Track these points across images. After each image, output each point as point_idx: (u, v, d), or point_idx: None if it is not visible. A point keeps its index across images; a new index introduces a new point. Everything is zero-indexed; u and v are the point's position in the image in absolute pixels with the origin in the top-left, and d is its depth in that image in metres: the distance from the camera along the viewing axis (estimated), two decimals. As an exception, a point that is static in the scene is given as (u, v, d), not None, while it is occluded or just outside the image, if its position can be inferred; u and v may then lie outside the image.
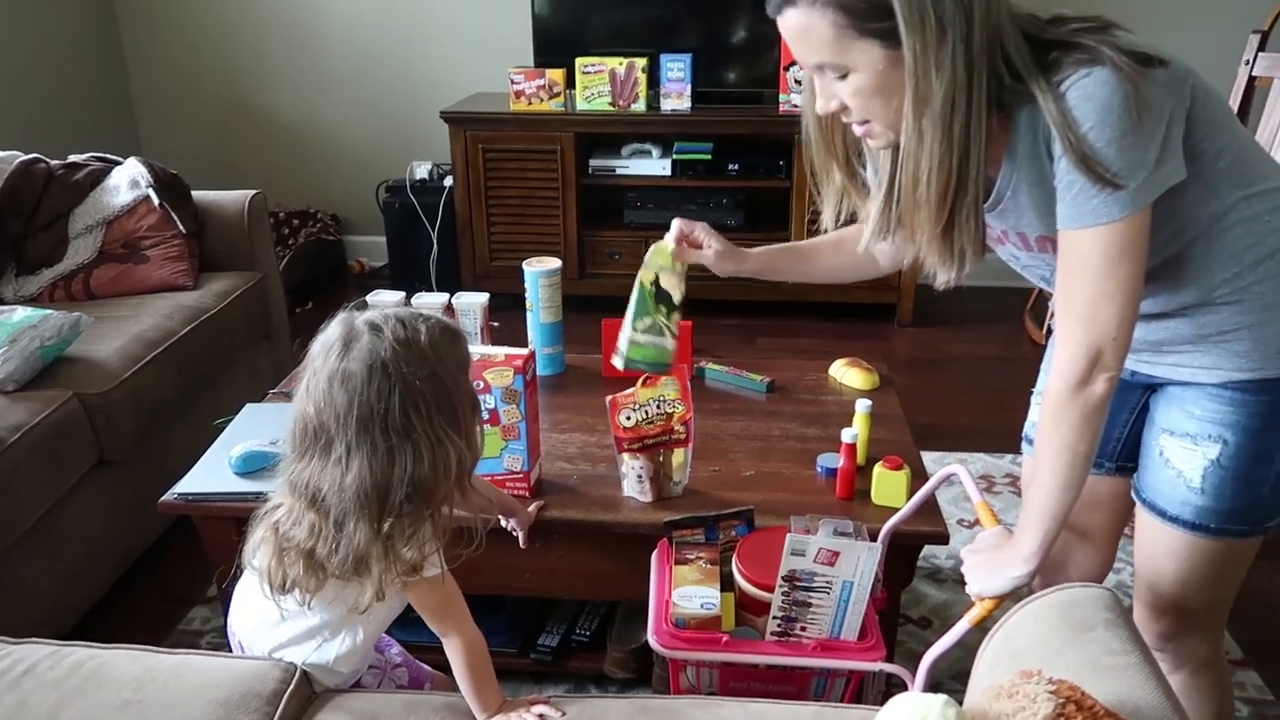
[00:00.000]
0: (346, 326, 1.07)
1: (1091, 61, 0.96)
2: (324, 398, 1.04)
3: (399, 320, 1.07)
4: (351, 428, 1.02)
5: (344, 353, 1.04)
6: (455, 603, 1.15)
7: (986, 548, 1.18)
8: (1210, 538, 1.16)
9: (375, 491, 1.03)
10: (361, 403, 1.02)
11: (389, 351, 1.03)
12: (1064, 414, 1.06)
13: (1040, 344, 3.25)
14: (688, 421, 1.52)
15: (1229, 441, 1.12)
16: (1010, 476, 2.46)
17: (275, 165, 3.96)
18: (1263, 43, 2.51)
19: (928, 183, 1.03)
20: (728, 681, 1.34)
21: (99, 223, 2.42)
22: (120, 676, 1.11)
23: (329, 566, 1.07)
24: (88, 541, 1.93)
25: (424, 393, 1.04)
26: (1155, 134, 0.96)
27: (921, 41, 0.96)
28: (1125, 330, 1.03)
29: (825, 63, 1.03)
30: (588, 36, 3.40)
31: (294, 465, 1.07)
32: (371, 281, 3.85)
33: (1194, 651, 1.25)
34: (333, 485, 1.04)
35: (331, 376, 1.04)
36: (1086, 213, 0.99)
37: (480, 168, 3.37)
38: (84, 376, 1.95)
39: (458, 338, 1.12)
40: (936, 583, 2.07)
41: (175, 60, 3.88)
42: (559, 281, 1.95)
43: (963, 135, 1.00)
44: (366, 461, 1.03)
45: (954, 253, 1.08)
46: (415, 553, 1.07)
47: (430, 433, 1.04)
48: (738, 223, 3.38)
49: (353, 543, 1.04)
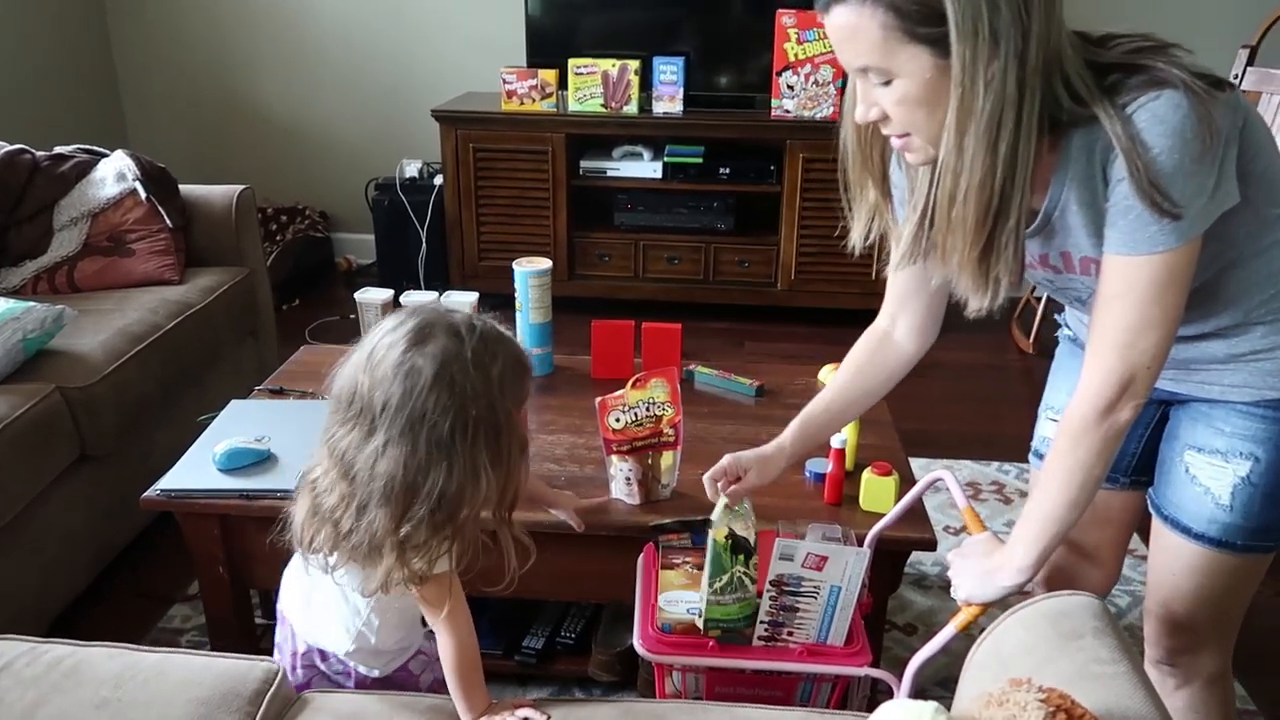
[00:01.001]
0: (428, 315, 1.04)
1: (1161, 84, 0.92)
2: (383, 381, 1.01)
3: (481, 337, 1.04)
4: (399, 423, 1.01)
5: (418, 344, 1.01)
6: (457, 603, 1.13)
7: (975, 554, 1.18)
8: (1235, 555, 1.14)
9: (403, 489, 1.02)
10: (416, 405, 1.00)
11: (460, 367, 1.01)
12: (1085, 438, 1.04)
13: (1027, 352, 3.27)
14: (677, 424, 1.51)
15: (1260, 459, 1.10)
16: (996, 484, 2.47)
17: (264, 161, 3.93)
18: (1251, 57, 2.53)
19: (964, 201, 0.98)
20: (714, 686, 1.33)
21: (84, 215, 2.40)
22: (99, 674, 1.09)
23: (346, 544, 1.06)
24: (68, 537, 1.91)
25: (478, 421, 1.02)
26: (1218, 159, 0.94)
27: (973, 51, 0.91)
28: (1160, 360, 1.01)
29: (870, 66, 0.97)
30: (580, 37, 3.40)
31: (336, 429, 1.06)
32: (359, 279, 3.82)
33: (1204, 667, 1.24)
34: (365, 466, 1.02)
35: (399, 364, 1.01)
36: (1141, 240, 0.96)
37: (471, 167, 3.35)
38: (66, 370, 1.92)
39: (525, 374, 1.09)
40: (922, 589, 2.07)
41: (164, 53, 3.85)
42: (549, 282, 1.94)
43: (1009, 155, 0.95)
44: (403, 459, 1.01)
45: (989, 279, 1.03)
46: (424, 564, 1.06)
47: (469, 459, 1.02)
48: (728, 227, 3.38)
49: (371, 530, 1.03)
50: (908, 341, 1.31)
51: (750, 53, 3.32)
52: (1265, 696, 1.79)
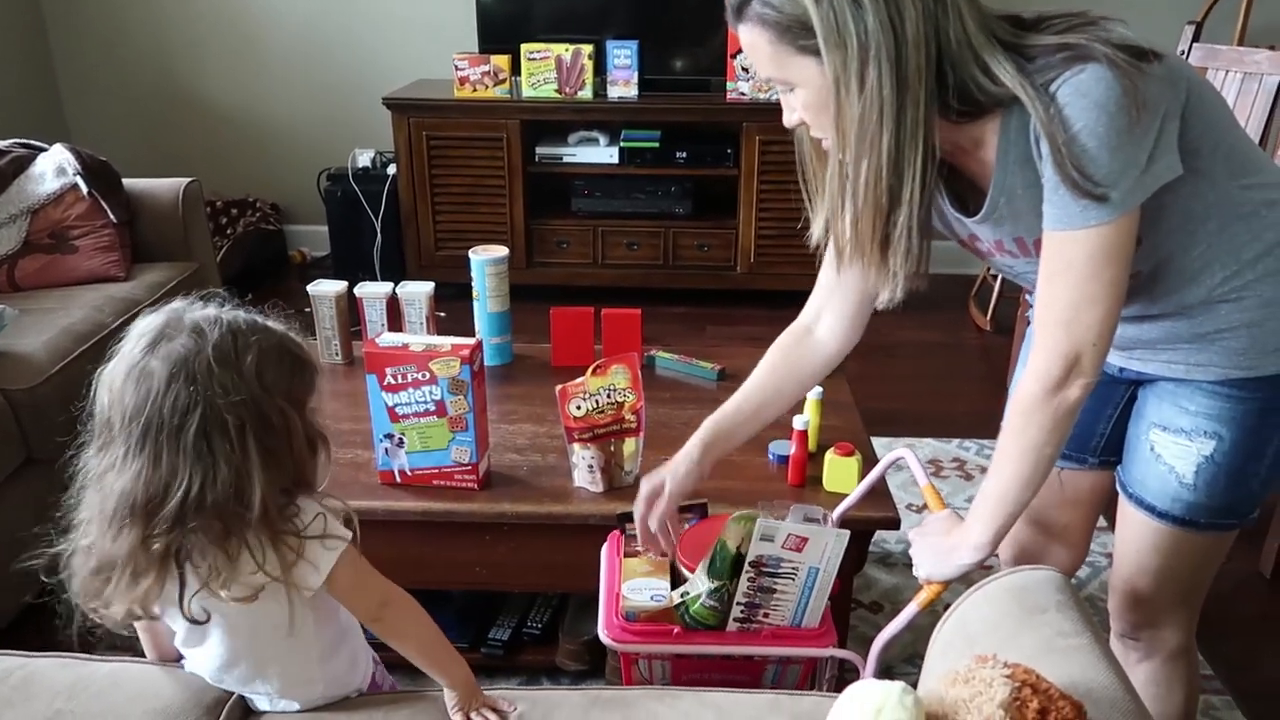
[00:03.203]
0: (172, 315, 0.97)
1: (1084, 58, 0.93)
2: (115, 392, 0.94)
3: (232, 331, 0.95)
4: (135, 433, 0.92)
5: (152, 347, 0.94)
6: (387, 589, 1.07)
7: (935, 532, 1.18)
8: (1198, 533, 1.15)
9: (145, 503, 0.92)
10: (152, 410, 0.92)
11: (201, 363, 0.92)
12: (1034, 416, 1.04)
13: (985, 330, 3.30)
14: (639, 410, 1.50)
15: (1224, 438, 1.10)
16: (957, 460, 2.50)
17: (212, 153, 3.84)
18: (1196, 33, 2.56)
19: (851, 198, 1.02)
20: (681, 672, 1.33)
21: (23, 211, 2.33)
22: (51, 686, 1.06)
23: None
24: (15, 544, 1.85)
25: (235, 419, 0.93)
26: (1150, 131, 0.94)
27: (842, 59, 0.95)
28: (1106, 336, 1.01)
29: (772, 77, 1.04)
30: (533, 23, 3.36)
31: (90, 460, 0.97)
32: (314, 271, 3.76)
33: (1167, 641, 1.25)
34: (108, 485, 0.94)
35: (130, 370, 0.93)
36: (1074, 214, 0.96)
37: (424, 155, 3.31)
38: (9, 372, 1.87)
39: (297, 364, 1.00)
40: (887, 567, 2.09)
41: (104, 43, 3.74)
42: (506, 270, 1.92)
43: (893, 153, 0.97)
44: (139, 474, 0.92)
45: (889, 273, 1.06)
46: (236, 586, 0.96)
47: (235, 460, 0.93)
48: (686, 211, 3.37)
49: (113, 548, 0.94)
50: (830, 339, 1.30)
51: (704, 35, 3.31)
52: (1222, 661, 1.83)
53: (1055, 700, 0.82)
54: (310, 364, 1.02)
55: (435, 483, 1.52)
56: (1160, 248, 1.05)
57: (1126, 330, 1.14)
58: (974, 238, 1.14)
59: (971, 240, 1.15)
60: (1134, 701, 0.91)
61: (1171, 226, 1.04)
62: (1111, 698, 0.90)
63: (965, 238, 1.15)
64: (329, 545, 1.00)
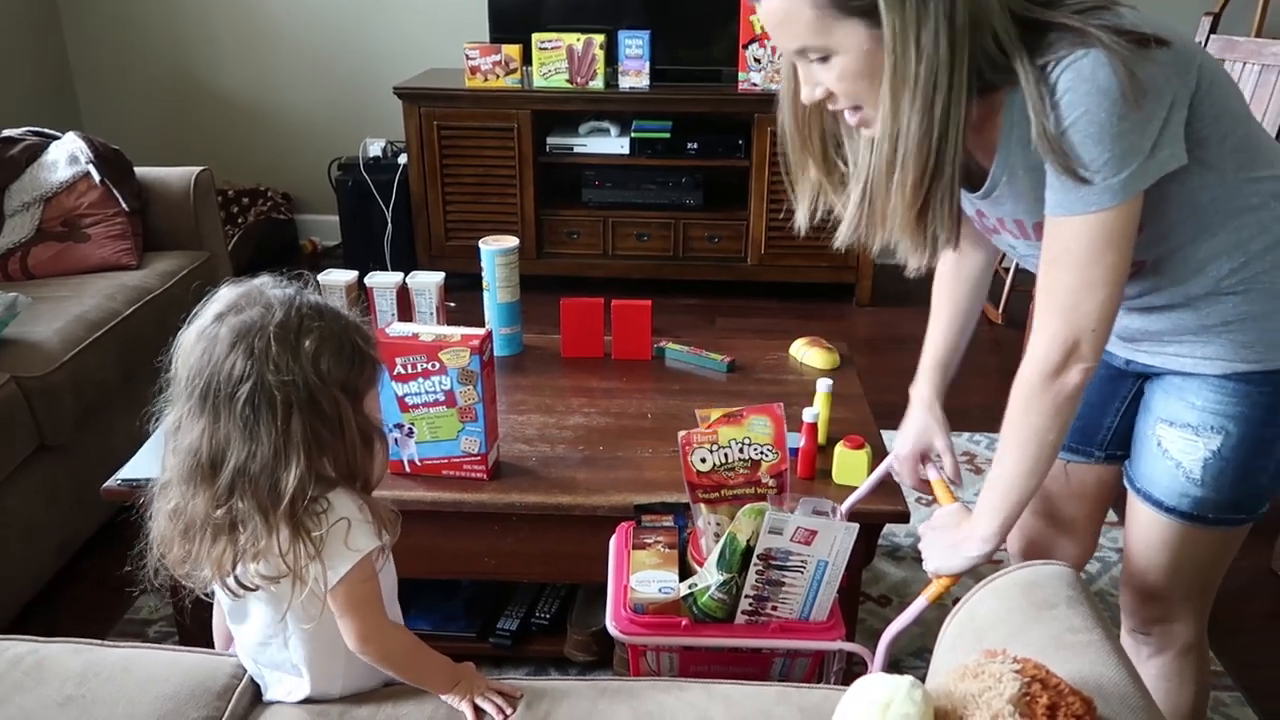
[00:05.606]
0: (252, 288, 1.00)
1: (1083, 43, 0.92)
2: (184, 352, 0.97)
3: (299, 312, 0.97)
4: (195, 393, 0.95)
5: (225, 314, 0.97)
6: (370, 613, 1.04)
7: (944, 525, 1.18)
8: (1207, 528, 1.14)
9: (210, 461, 0.95)
10: (211, 372, 0.94)
11: (262, 337, 0.94)
12: (1035, 402, 1.04)
13: (996, 323, 3.28)
14: (782, 475, 1.29)
15: (1231, 432, 1.10)
16: (968, 454, 2.49)
17: (224, 142, 3.85)
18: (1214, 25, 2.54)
19: (902, 165, 0.99)
20: (688, 664, 1.33)
21: (36, 200, 2.34)
22: (63, 671, 1.06)
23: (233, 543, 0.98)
24: (27, 530, 1.87)
25: (284, 397, 0.94)
26: (1154, 118, 0.93)
27: (902, 19, 0.93)
28: (1106, 322, 1.00)
29: (808, 46, 0.98)
30: (544, 12, 3.35)
31: (167, 417, 1.00)
32: (324, 261, 3.77)
33: (1178, 636, 1.24)
34: (180, 442, 0.97)
35: (201, 333, 0.96)
36: (1075, 200, 0.96)
37: (435, 145, 3.30)
38: (22, 359, 1.88)
39: (359, 359, 1.00)
40: (896, 560, 2.09)
41: (117, 32, 3.75)
42: (516, 260, 1.91)
43: (943, 116, 0.96)
44: (203, 432, 0.95)
45: (926, 237, 1.05)
46: (266, 563, 0.98)
47: (276, 440, 0.94)
48: (696, 202, 3.36)
49: (193, 507, 0.97)
50: (972, 250, 1.32)
51: (716, 26, 3.29)
52: (1233, 657, 1.82)
53: (1065, 695, 0.82)
54: (371, 359, 1.03)
55: (444, 473, 1.52)
56: (1164, 237, 1.04)
57: (1132, 321, 1.14)
58: (980, 213, 1.14)
59: (979, 216, 1.15)
60: (1144, 697, 0.91)
61: (1176, 217, 1.03)
62: (1121, 693, 0.89)
63: (971, 213, 1.15)
64: (344, 556, 0.99)
